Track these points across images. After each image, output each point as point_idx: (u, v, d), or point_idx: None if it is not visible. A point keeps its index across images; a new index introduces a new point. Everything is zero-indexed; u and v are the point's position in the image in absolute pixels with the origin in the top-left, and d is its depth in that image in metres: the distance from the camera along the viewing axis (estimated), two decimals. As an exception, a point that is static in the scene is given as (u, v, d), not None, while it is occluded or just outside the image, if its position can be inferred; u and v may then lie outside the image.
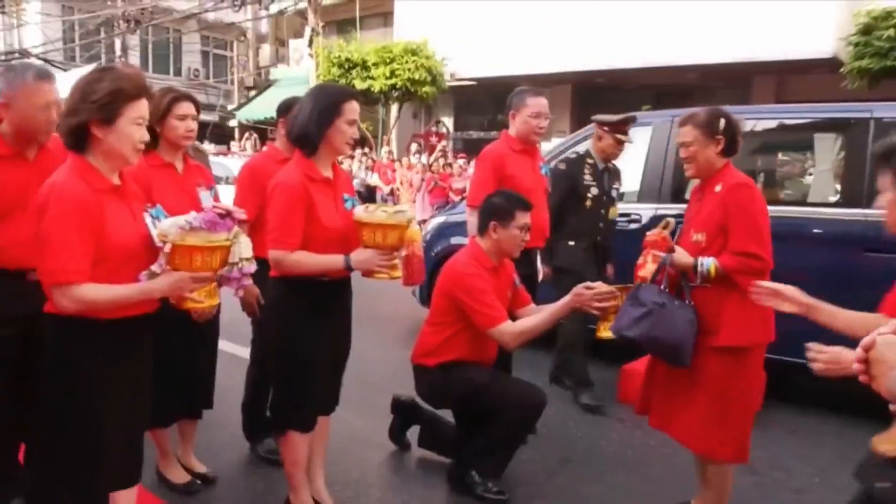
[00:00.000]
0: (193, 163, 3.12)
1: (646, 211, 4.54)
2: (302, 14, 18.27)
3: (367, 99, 15.78)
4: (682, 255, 2.66)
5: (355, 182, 13.16)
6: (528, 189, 3.40)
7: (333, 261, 2.55)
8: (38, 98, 2.46)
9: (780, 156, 5.67)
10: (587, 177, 4.14)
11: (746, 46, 12.33)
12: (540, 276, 3.99)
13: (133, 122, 2.01)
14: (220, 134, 21.91)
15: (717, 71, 13.61)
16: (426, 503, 3.11)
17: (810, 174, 7.25)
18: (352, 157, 14.74)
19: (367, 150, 15.53)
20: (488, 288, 2.96)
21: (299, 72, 19.45)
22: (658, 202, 4.51)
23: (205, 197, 2.98)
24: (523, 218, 3.04)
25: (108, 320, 2.01)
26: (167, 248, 2.01)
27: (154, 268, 2.04)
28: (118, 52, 21.45)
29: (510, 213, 3.03)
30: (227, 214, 2.08)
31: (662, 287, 2.67)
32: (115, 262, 2.00)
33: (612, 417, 4.12)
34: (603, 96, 14.67)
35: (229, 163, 12.37)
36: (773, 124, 4.78)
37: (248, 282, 2.29)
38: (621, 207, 4.70)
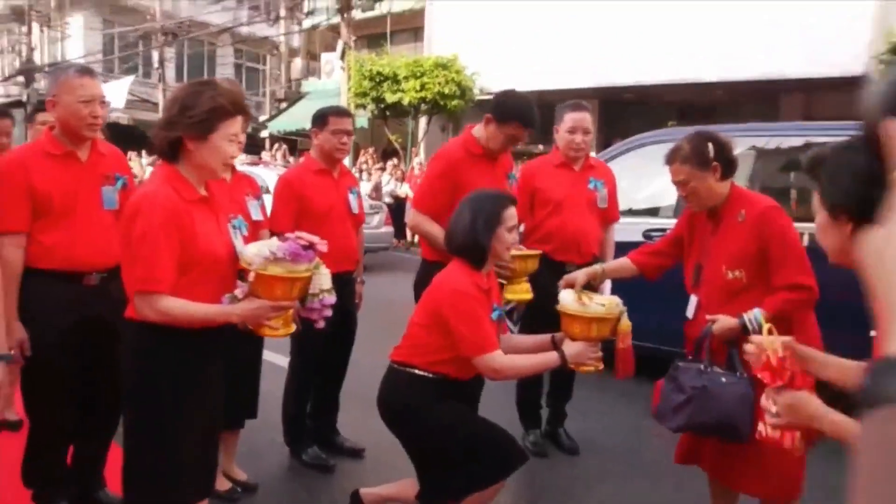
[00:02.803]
0: (241, 173, 3.20)
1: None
2: (334, 28, 18.64)
3: (397, 111, 16.07)
4: (724, 322, 2.40)
5: (385, 193, 13.42)
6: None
7: (547, 360, 2.51)
8: (80, 91, 2.54)
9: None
10: None
11: (774, 63, 12.40)
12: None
13: (226, 139, 2.03)
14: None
15: (744, 88, 13.67)
16: None
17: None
18: (383, 168, 15.01)
19: (395, 161, 15.79)
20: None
21: (330, 84, 19.80)
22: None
23: (253, 206, 3.09)
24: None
25: (187, 330, 2.02)
26: (251, 276, 2.03)
27: (237, 292, 2.08)
28: (155, 63, 22.01)
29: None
30: (310, 246, 2.08)
31: (703, 367, 2.40)
32: (200, 270, 2.03)
33: (652, 432, 4.18)
34: (628, 112, 14.80)
35: (262, 172, 12.62)
36: (801, 142, 4.92)
37: (329, 312, 2.24)
38: (656, 223, 4.85)
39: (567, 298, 2.56)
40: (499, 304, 2.67)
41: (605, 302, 2.52)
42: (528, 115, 3.25)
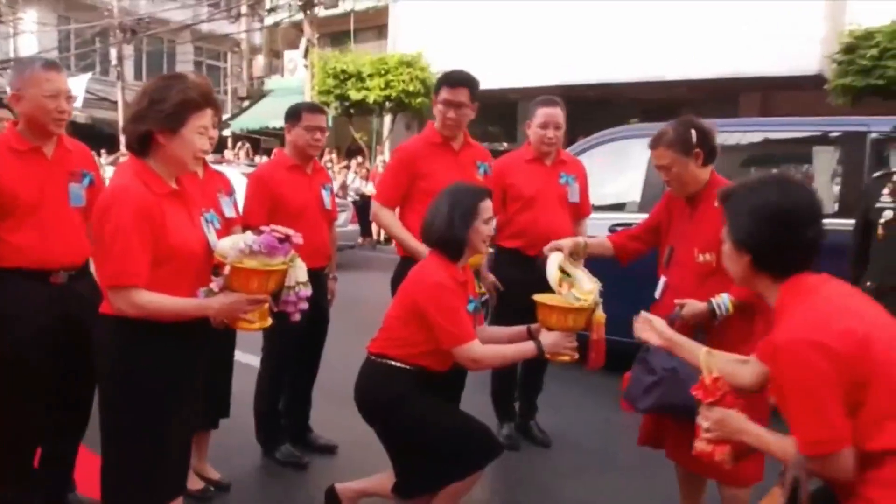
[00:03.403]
0: (213, 169, 3.17)
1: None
2: (297, 26, 18.49)
3: (362, 109, 16.02)
4: (693, 306, 2.45)
5: (350, 191, 13.37)
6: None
7: (524, 349, 2.56)
8: (47, 86, 2.48)
9: (780, 167, 5.93)
10: None
11: (733, 63, 12.69)
12: None
13: (196, 131, 2.03)
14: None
15: (705, 86, 13.94)
16: None
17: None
18: (347, 167, 14.95)
19: (360, 159, 15.74)
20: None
21: (293, 82, 19.65)
22: (659, 211, 4.73)
23: (225, 203, 3.06)
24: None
25: (163, 326, 2.01)
26: (226, 269, 2.02)
27: (212, 286, 2.06)
28: (113, 61, 21.55)
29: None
30: (286, 239, 2.08)
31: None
32: (175, 265, 2.02)
33: (622, 424, 4.25)
34: (592, 110, 14.96)
35: (225, 171, 12.46)
36: (773, 137, 5.06)
37: (305, 305, 2.25)
38: (621, 217, 4.92)
39: (552, 269, 2.60)
40: (474, 297, 2.69)
41: (583, 293, 2.56)
42: (449, 75, 3.31)
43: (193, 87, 2.03)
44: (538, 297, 2.60)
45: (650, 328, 2.14)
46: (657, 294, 2.71)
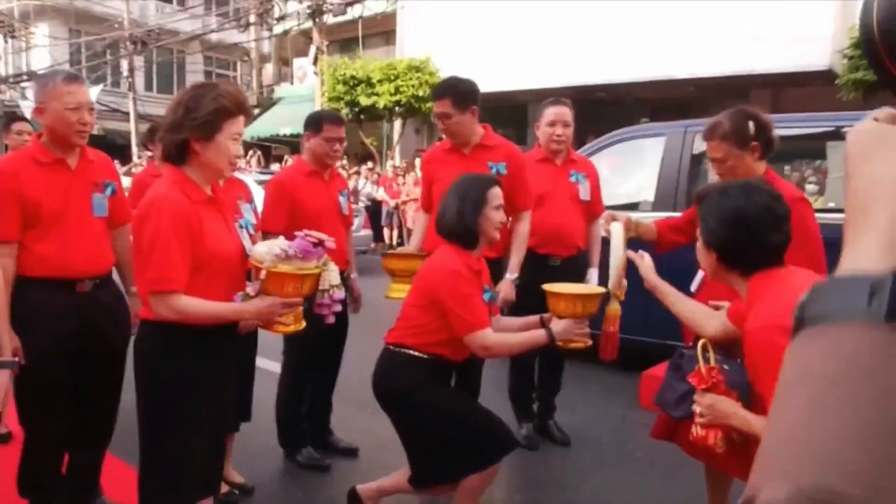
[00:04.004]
0: (233, 177, 3.16)
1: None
2: (306, 34, 18.59)
3: (372, 115, 16.09)
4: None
5: (362, 196, 13.42)
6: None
7: (535, 337, 2.58)
8: (68, 98, 2.52)
9: (794, 163, 5.91)
10: None
11: (743, 59, 12.65)
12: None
13: (230, 138, 2.10)
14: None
15: (715, 84, 13.90)
16: None
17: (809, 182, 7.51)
18: (358, 172, 15.00)
19: (371, 164, 15.79)
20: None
21: (303, 90, 19.76)
22: (674, 210, 4.73)
23: (245, 210, 3.07)
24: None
25: (199, 329, 2.07)
26: (262, 273, 2.07)
27: (248, 290, 2.12)
28: (125, 73, 21.74)
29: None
30: (319, 243, 2.15)
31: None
32: (211, 270, 2.08)
33: (639, 422, 4.27)
34: (601, 110, 14.97)
35: (242, 177, 12.54)
36: (787, 133, 5.04)
37: (338, 307, 2.32)
38: (636, 216, 4.92)
39: (617, 236, 2.62)
40: (490, 287, 2.74)
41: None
42: (434, 88, 3.48)
43: (226, 95, 2.09)
44: (547, 287, 2.64)
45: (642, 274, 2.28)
46: (693, 287, 2.68)
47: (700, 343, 2.01)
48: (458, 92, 3.29)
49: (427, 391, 2.58)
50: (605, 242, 3.97)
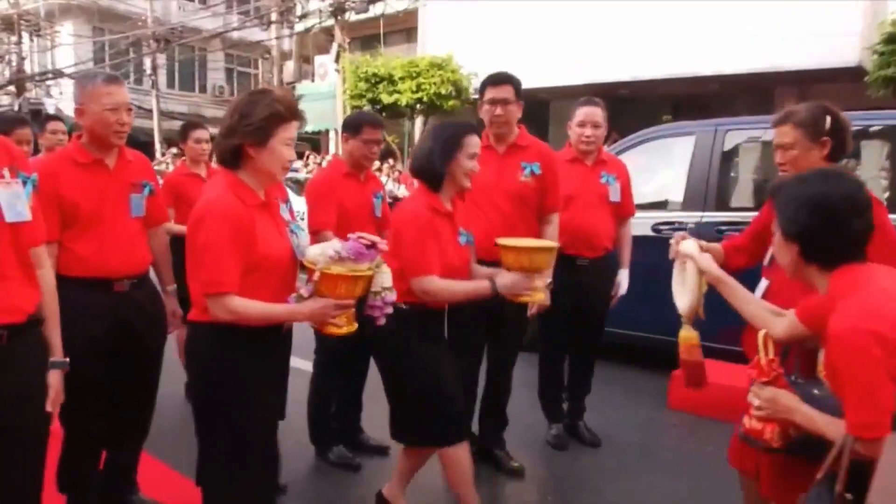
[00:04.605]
0: None
1: (690, 219, 4.74)
2: (328, 31, 18.66)
3: (394, 112, 16.11)
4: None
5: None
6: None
7: (479, 287, 2.62)
8: (107, 100, 2.53)
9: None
10: None
11: (768, 56, 12.51)
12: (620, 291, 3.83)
13: (284, 143, 2.11)
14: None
15: (738, 81, 13.78)
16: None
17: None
18: (380, 170, 15.03)
19: (391, 161, 15.81)
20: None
21: (324, 87, 19.81)
22: (703, 210, 4.70)
23: (282, 210, 3.14)
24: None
25: (252, 330, 2.09)
26: (316, 275, 2.09)
27: (302, 291, 2.13)
28: (148, 70, 21.96)
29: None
30: (372, 245, 2.16)
31: (794, 378, 2.09)
32: (263, 273, 2.10)
33: (666, 423, 4.23)
34: (623, 107, 14.88)
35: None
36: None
37: (390, 310, 2.32)
38: (665, 216, 4.89)
39: (690, 247, 2.46)
40: (465, 229, 2.77)
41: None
42: (492, 75, 3.36)
43: (279, 101, 2.10)
44: (500, 240, 2.64)
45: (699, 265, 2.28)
46: (757, 296, 2.47)
47: (761, 335, 1.96)
48: (517, 83, 3.31)
49: (409, 346, 2.65)
50: (638, 242, 3.98)
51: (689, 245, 2.49)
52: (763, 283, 2.54)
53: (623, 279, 3.80)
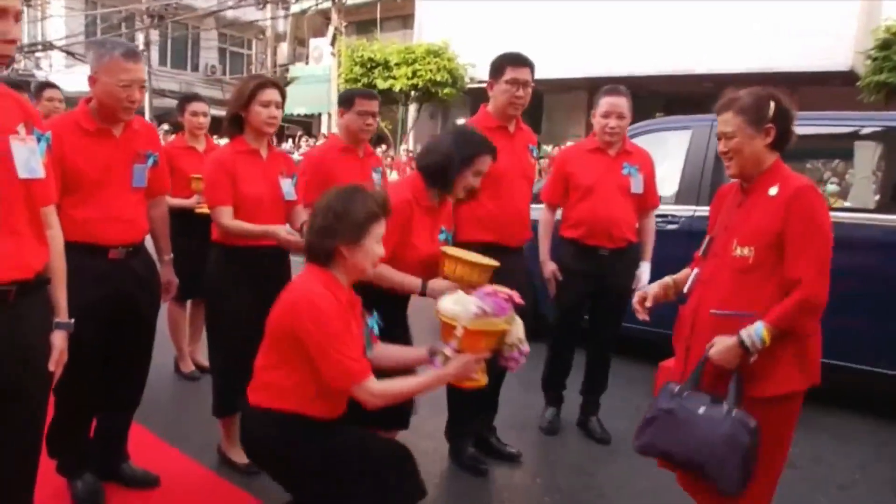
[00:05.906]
0: (277, 150, 3.19)
1: (683, 213, 4.78)
2: (323, 14, 18.54)
3: (388, 98, 16.05)
4: (722, 345, 2.11)
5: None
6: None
7: (411, 281, 2.60)
8: (122, 76, 2.49)
9: (818, 162, 5.85)
10: None
11: (762, 57, 12.59)
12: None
13: (377, 240, 2.13)
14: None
15: (732, 80, 13.62)
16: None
17: (831, 182, 7.49)
18: (372, 155, 15.01)
19: (385, 148, 15.78)
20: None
21: (318, 70, 19.69)
22: (696, 204, 4.73)
23: (285, 184, 3.07)
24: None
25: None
26: (459, 331, 2.10)
27: (447, 352, 2.15)
28: (140, 46, 21.70)
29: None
30: (509, 299, 2.23)
31: (678, 389, 2.21)
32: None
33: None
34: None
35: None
36: (810, 132, 5.01)
37: (524, 360, 2.32)
38: (658, 209, 4.90)
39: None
40: (447, 228, 2.79)
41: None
42: (512, 55, 3.32)
43: (373, 200, 2.13)
44: (445, 248, 2.62)
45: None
46: (685, 288, 2.42)
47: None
48: (534, 66, 3.32)
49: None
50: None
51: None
52: (693, 273, 2.42)
53: (644, 272, 3.71)
